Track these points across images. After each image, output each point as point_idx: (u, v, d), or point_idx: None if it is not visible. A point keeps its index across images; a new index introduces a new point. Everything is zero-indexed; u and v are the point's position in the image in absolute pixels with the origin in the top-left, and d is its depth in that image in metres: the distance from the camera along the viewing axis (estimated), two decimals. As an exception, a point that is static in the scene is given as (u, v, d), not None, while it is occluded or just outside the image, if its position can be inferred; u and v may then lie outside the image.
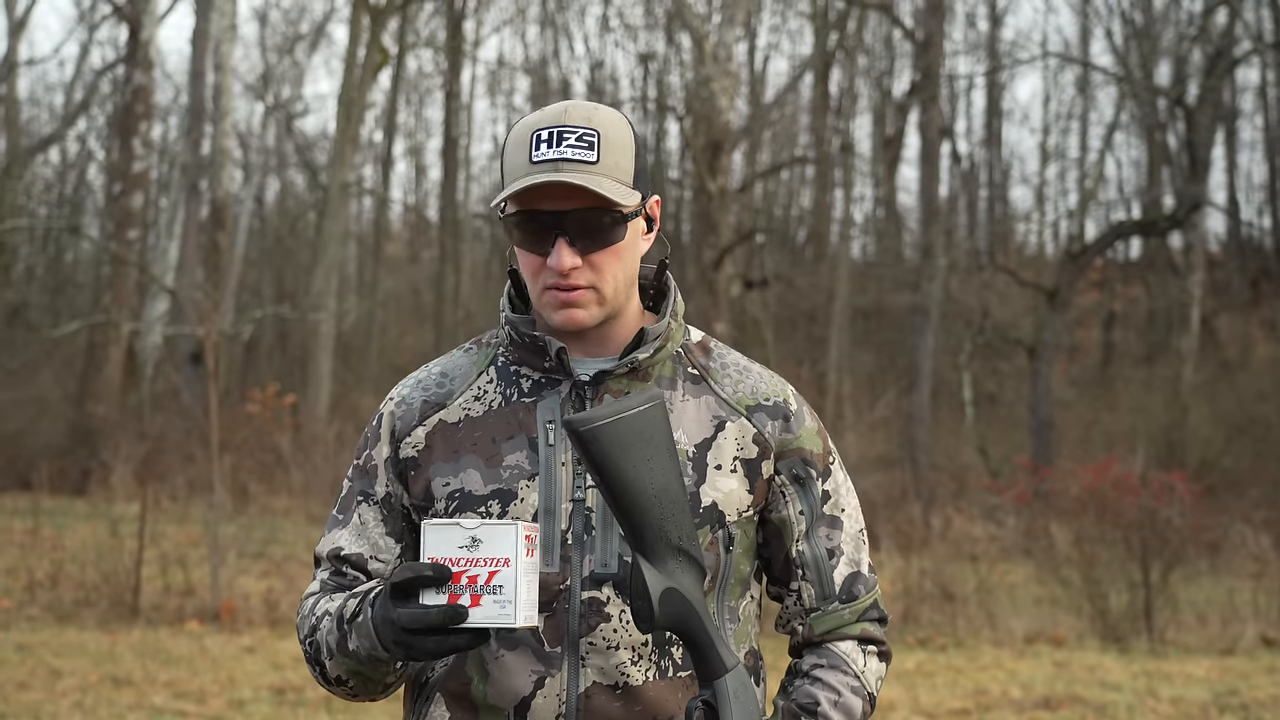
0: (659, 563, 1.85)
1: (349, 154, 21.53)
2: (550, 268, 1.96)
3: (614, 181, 1.96)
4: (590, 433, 1.82)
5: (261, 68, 30.78)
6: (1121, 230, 23.27)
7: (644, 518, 1.84)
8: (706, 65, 18.11)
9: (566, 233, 1.96)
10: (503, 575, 1.79)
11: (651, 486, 1.84)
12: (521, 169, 1.97)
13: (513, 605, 1.80)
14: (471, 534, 1.80)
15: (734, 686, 1.86)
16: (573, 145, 1.96)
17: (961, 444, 21.26)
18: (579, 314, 1.99)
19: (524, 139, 1.98)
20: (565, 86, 30.63)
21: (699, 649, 1.87)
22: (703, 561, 1.88)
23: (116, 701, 7.71)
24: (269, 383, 18.95)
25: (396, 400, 2.12)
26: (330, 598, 2.05)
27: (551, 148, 1.96)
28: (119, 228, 20.06)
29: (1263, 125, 29.35)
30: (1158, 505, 12.02)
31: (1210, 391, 22.34)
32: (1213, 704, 8.32)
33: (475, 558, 1.80)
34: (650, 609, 1.83)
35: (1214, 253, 29.59)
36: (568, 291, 1.97)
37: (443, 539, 1.80)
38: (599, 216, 1.97)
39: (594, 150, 1.96)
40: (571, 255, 1.96)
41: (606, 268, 1.99)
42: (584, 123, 1.97)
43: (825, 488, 2.09)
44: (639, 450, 1.84)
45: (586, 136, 1.97)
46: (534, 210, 1.97)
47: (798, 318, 25.63)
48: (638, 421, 1.85)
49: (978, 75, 28.68)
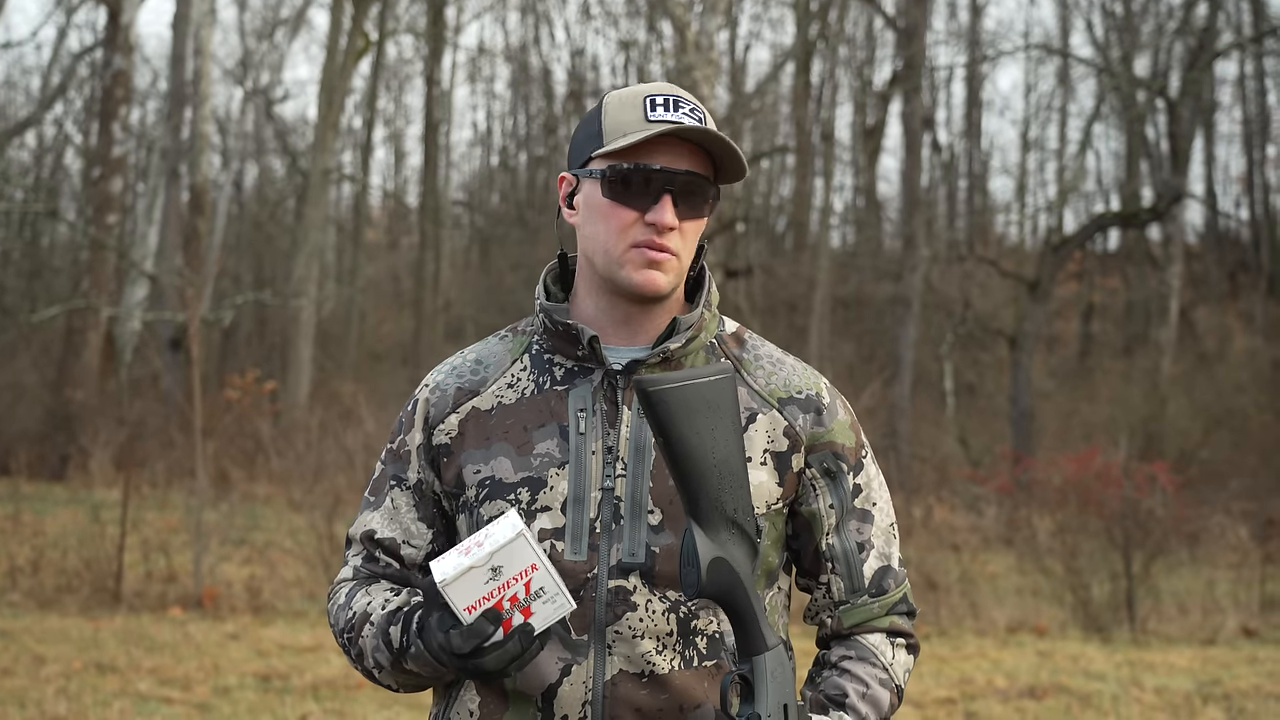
0: (712, 532, 1.86)
1: (330, 140, 21.44)
2: (651, 223, 1.98)
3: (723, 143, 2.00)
4: (659, 394, 1.84)
5: (241, 52, 30.63)
6: (1103, 222, 23.34)
7: (702, 485, 1.85)
8: (688, 53, 18.08)
9: (675, 191, 1.98)
10: (537, 579, 1.84)
11: (713, 455, 1.86)
12: (637, 125, 1.99)
13: (560, 595, 1.86)
14: (489, 566, 1.82)
15: (772, 665, 1.88)
16: (688, 114, 2.00)
17: (942, 434, 21.32)
18: (660, 278, 2.00)
19: (634, 102, 2.01)
20: (546, 74, 30.58)
21: (742, 623, 1.88)
22: (755, 538, 1.89)
23: (101, 688, 7.68)
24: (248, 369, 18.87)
25: (431, 386, 2.12)
26: (366, 592, 2.06)
27: (669, 111, 1.99)
28: (98, 212, 19.94)
29: (1241, 118, 29.49)
30: (1140, 496, 12.08)
31: (1188, 383, 22.45)
32: (1196, 694, 8.36)
33: (505, 582, 1.83)
34: (698, 575, 1.84)
35: (1192, 245, 29.72)
36: (659, 251, 1.99)
37: (467, 587, 1.83)
38: (704, 185, 2.00)
39: (704, 123, 2.00)
40: (674, 214, 1.98)
41: (690, 238, 2.02)
42: (690, 98, 2.02)
43: (857, 481, 2.09)
44: (705, 418, 1.86)
45: (697, 111, 2.01)
46: (646, 164, 1.98)
47: (778, 307, 25.64)
48: (707, 390, 1.87)
49: (959, 66, 28.72)
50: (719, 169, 2.02)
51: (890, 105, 26.25)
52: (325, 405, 18.49)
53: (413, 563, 2.10)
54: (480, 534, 1.87)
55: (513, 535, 1.81)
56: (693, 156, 1.99)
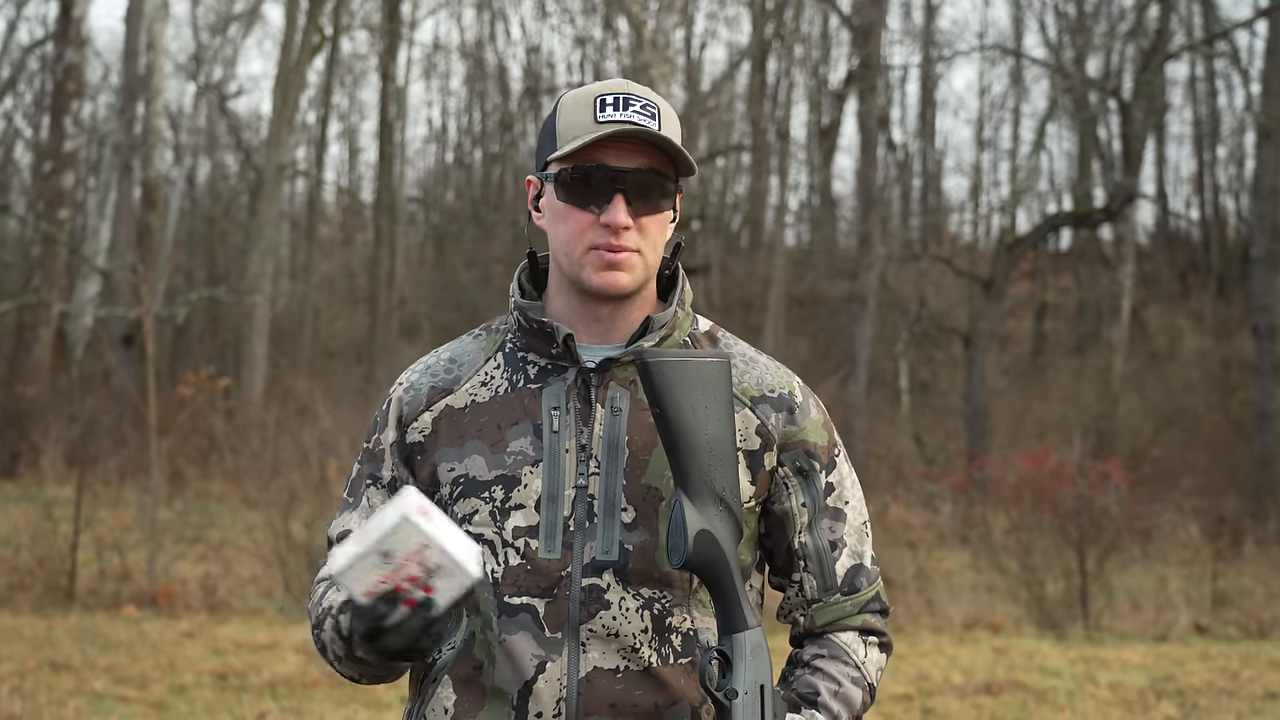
0: (700, 505, 1.90)
1: (284, 135, 21.32)
2: (604, 225, 1.98)
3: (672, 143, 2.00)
4: (657, 365, 1.90)
5: (194, 47, 30.41)
6: (1056, 222, 23.51)
7: (693, 459, 1.90)
8: (644, 51, 18.09)
9: (626, 190, 1.99)
10: (431, 557, 1.81)
11: (706, 433, 1.91)
12: (587, 127, 1.99)
13: (458, 568, 1.81)
14: (378, 551, 1.79)
15: (751, 644, 1.91)
16: (638, 112, 1.99)
17: (897, 432, 21.41)
18: (622, 277, 2.01)
19: (586, 102, 2.01)
20: (501, 70, 30.52)
21: (724, 599, 1.91)
22: (741, 520, 1.93)
23: (56, 687, 7.62)
24: (201, 366, 18.74)
25: (405, 385, 2.13)
26: (337, 589, 2.06)
27: (618, 110, 1.99)
28: (49, 207, 19.75)
29: (1192, 119, 29.75)
30: (1093, 494, 12.18)
31: (1140, 382, 22.63)
32: (1150, 689, 8.45)
33: (397, 565, 1.81)
34: (685, 544, 1.88)
35: (1143, 245, 29.96)
36: (615, 253, 1.99)
37: (360, 574, 1.81)
38: (658, 180, 2.00)
39: (655, 121, 2.00)
40: (626, 213, 1.99)
41: (652, 234, 2.02)
42: (645, 95, 2.01)
43: (829, 480, 2.10)
44: (700, 395, 1.91)
45: (650, 108, 2.00)
46: (595, 165, 1.99)
47: (734, 305, 25.68)
48: (704, 370, 1.93)
49: (913, 65, 28.84)
50: (677, 163, 2.03)
51: (845, 104, 26.35)
52: (280, 402, 18.40)
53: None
54: (376, 515, 1.85)
55: (397, 519, 1.79)
56: (646, 153, 2.00)
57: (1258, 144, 20.74)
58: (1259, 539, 14.63)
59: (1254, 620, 11.11)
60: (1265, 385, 18.56)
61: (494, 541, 2.00)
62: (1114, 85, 23.30)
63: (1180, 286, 28.49)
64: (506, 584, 1.99)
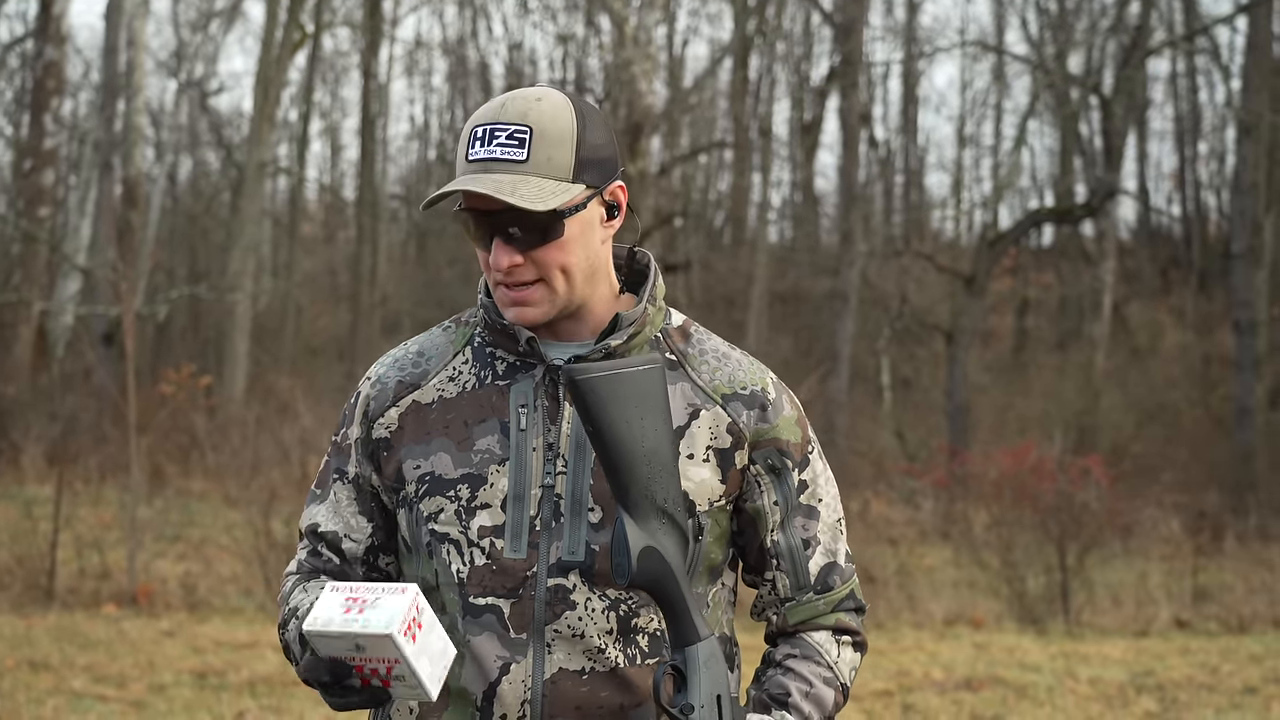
0: (642, 521, 1.87)
1: (265, 133, 21.27)
2: (491, 267, 1.97)
3: (542, 179, 1.93)
4: (587, 383, 1.84)
5: (175, 44, 30.33)
6: (1038, 218, 23.54)
7: (631, 474, 1.86)
8: (626, 48, 18.08)
9: (500, 233, 1.96)
10: (400, 669, 1.81)
11: (643, 445, 1.86)
12: (461, 167, 1.97)
13: (421, 687, 1.82)
14: (354, 642, 1.79)
15: (705, 656, 1.88)
16: (502, 144, 1.94)
17: (879, 428, 21.43)
18: (529, 311, 1.99)
19: (467, 134, 1.98)
20: (483, 68, 30.47)
21: (674, 613, 1.89)
22: (687, 529, 1.90)
23: (35, 686, 7.59)
24: (182, 364, 18.69)
25: (373, 380, 2.11)
26: (304, 589, 2.07)
27: (483, 146, 1.95)
28: (30, 205, 19.68)
29: (1173, 115, 29.81)
30: (1074, 489, 12.20)
31: (1121, 378, 22.69)
32: (1130, 684, 8.46)
33: (367, 658, 1.81)
34: (629, 564, 1.85)
35: (1125, 241, 30.02)
36: (515, 289, 1.97)
37: (330, 645, 1.82)
38: (530, 216, 1.94)
39: (523, 148, 1.94)
40: (509, 254, 1.96)
41: (551, 263, 1.97)
42: (518, 118, 1.94)
43: (803, 477, 2.08)
44: (634, 407, 1.86)
45: (518, 134, 1.94)
46: (471, 210, 1.97)
47: (716, 302, 25.67)
48: (636, 379, 1.88)
49: (895, 62, 28.86)
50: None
51: (828, 101, 26.35)
52: (261, 400, 18.36)
53: (354, 557, 2.10)
54: (375, 594, 1.83)
55: (383, 632, 1.78)
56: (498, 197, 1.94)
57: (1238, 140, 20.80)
58: (1240, 534, 14.67)
59: (1234, 615, 11.14)
60: (1246, 380, 18.62)
61: (459, 541, 1.99)
62: (1094, 81, 23.33)
63: (1162, 282, 28.56)
64: (471, 584, 1.98)
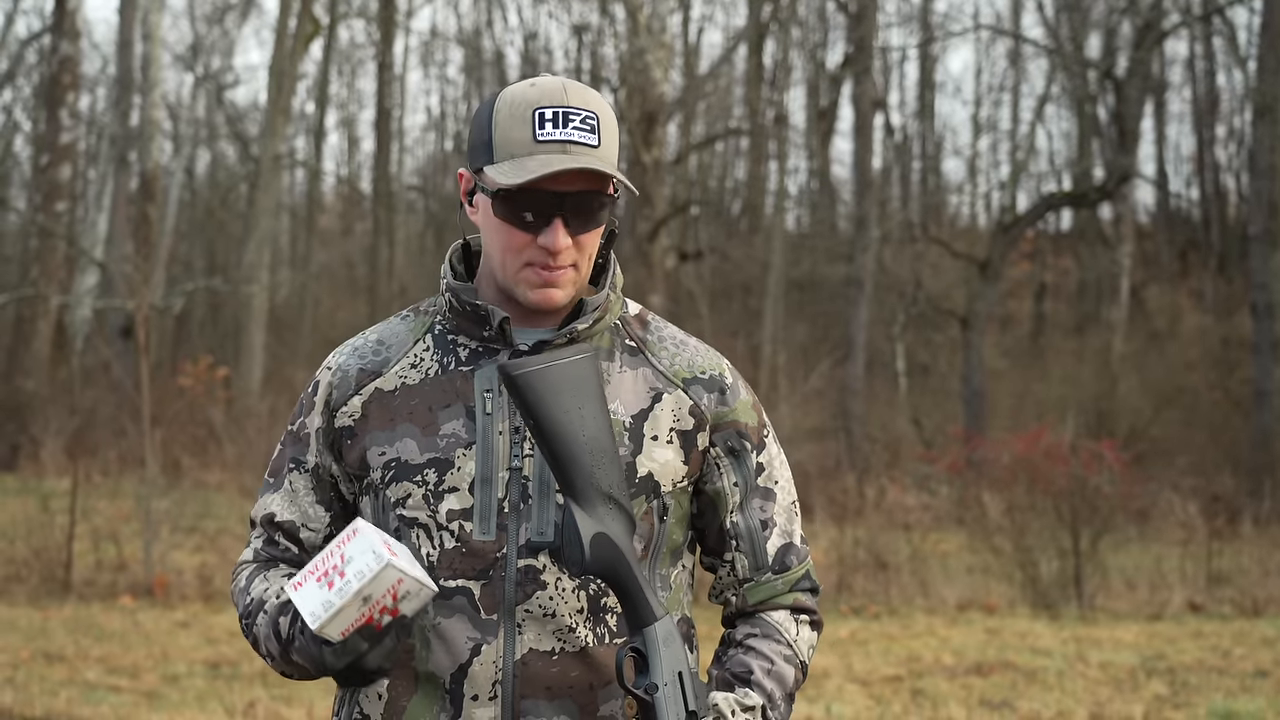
0: (590, 509, 1.89)
1: (280, 125, 21.33)
2: (542, 246, 1.97)
3: (611, 166, 1.99)
4: (523, 377, 1.87)
5: (191, 38, 30.42)
6: (1052, 202, 23.46)
7: (575, 464, 1.89)
8: (641, 37, 18.08)
9: (566, 214, 1.98)
10: (403, 587, 1.87)
11: (583, 434, 1.89)
12: (525, 146, 1.96)
13: (425, 588, 1.90)
14: (360, 598, 1.84)
15: (663, 634, 1.91)
16: (578, 128, 1.97)
17: (895, 414, 21.42)
18: (557, 294, 2.01)
19: (524, 116, 1.97)
20: (499, 57, 30.48)
21: (628, 596, 1.91)
22: (631, 511, 1.93)
23: (49, 677, 7.65)
24: (201, 356, 18.78)
25: (333, 369, 2.12)
26: (265, 578, 2.09)
27: (558, 128, 1.96)
28: (47, 200, 19.77)
29: (1190, 97, 29.67)
30: (1087, 474, 12.18)
31: (1139, 361, 22.62)
32: (1140, 668, 8.46)
33: (374, 603, 1.86)
34: (581, 553, 1.88)
35: (1143, 224, 29.92)
36: (553, 271, 1.99)
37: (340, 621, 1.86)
38: (597, 200, 1.99)
39: (595, 134, 1.98)
40: (565, 235, 1.98)
41: (588, 248, 2.02)
42: (584, 104, 1.98)
43: (759, 460, 2.11)
44: (571, 397, 1.89)
45: (589, 120, 1.98)
46: (535, 189, 1.97)
47: (733, 290, 25.68)
48: (570, 369, 1.91)
49: (910, 47, 28.79)
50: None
51: (843, 87, 26.28)
52: (278, 392, 18.43)
53: (311, 545, 2.11)
54: (336, 555, 1.86)
55: (379, 568, 1.82)
56: (587, 176, 1.97)
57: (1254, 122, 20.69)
58: (1257, 517, 14.62)
59: (1249, 598, 11.12)
60: (1264, 363, 18.53)
61: (428, 525, 2.00)
62: (1108, 64, 23.24)
63: (1180, 265, 28.44)
64: (442, 567, 1.99)
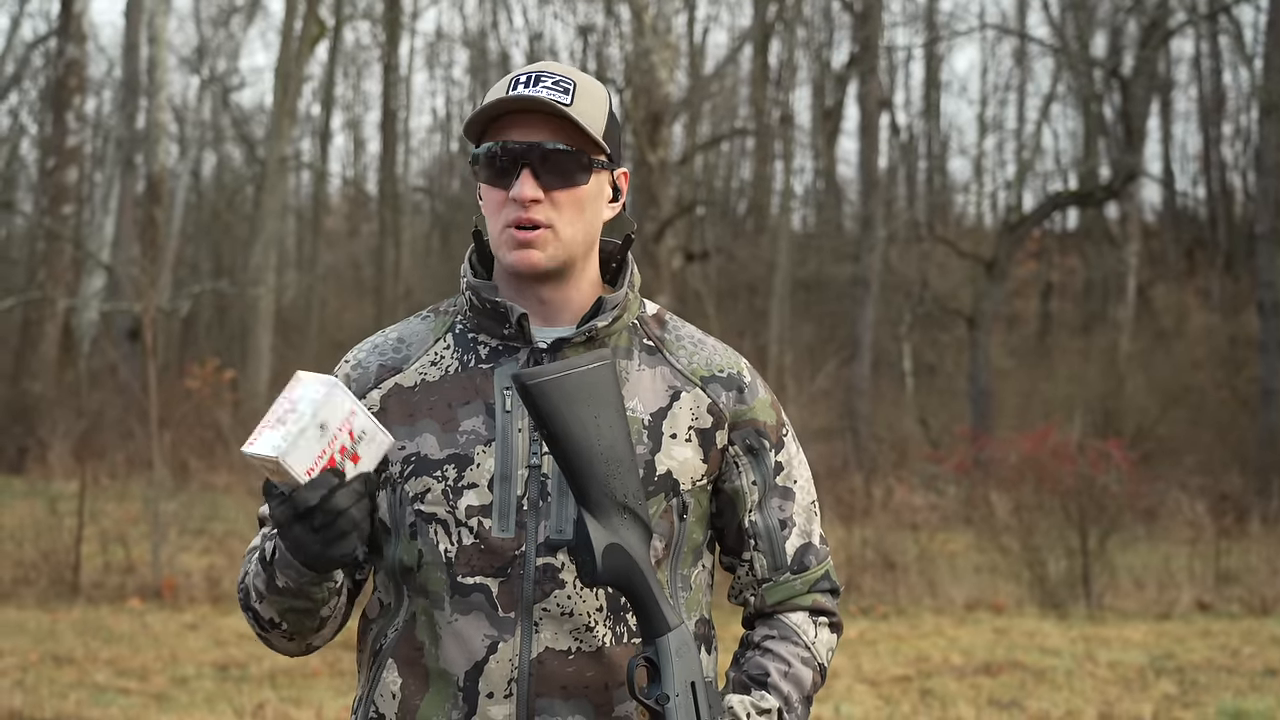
0: (604, 519, 1.88)
1: (286, 127, 21.34)
2: (513, 199, 1.99)
3: (586, 124, 2.00)
4: (537, 387, 1.85)
5: (197, 40, 30.45)
6: (1059, 201, 23.45)
7: (590, 473, 1.88)
8: (646, 37, 18.07)
9: (532, 163, 2.00)
10: (357, 423, 1.87)
11: (599, 443, 1.88)
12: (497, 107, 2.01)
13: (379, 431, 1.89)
14: (317, 424, 1.83)
15: (676, 645, 1.90)
16: (549, 87, 2.01)
17: (902, 414, 21.41)
18: (535, 254, 2.01)
19: (503, 83, 2.03)
20: (504, 59, 30.48)
21: (642, 606, 1.91)
22: (648, 521, 1.92)
23: (58, 680, 7.66)
24: (208, 358, 18.79)
25: (352, 364, 2.12)
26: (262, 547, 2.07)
27: (528, 87, 2.00)
28: (53, 203, 19.80)
29: (1197, 96, 29.64)
30: (1094, 473, 12.17)
31: (1146, 360, 22.59)
32: (1149, 667, 8.45)
33: (332, 435, 1.85)
34: (593, 563, 1.87)
35: (1149, 223, 29.87)
36: (527, 230, 1.99)
37: (302, 452, 1.83)
38: (570, 157, 2.00)
39: (568, 95, 2.01)
40: (534, 186, 1.99)
41: (566, 208, 2.02)
42: (565, 74, 2.03)
43: (778, 459, 2.11)
44: (587, 407, 1.87)
45: (563, 83, 2.02)
46: (503, 141, 2.00)
47: (739, 290, 25.68)
48: (587, 378, 1.89)
49: (916, 47, 28.78)
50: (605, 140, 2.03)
51: (849, 87, 26.30)
52: (285, 394, 18.41)
53: None
54: (285, 402, 1.86)
55: (327, 389, 1.83)
56: (555, 128, 2.00)
57: (1261, 120, 20.67)
58: (1265, 515, 14.60)
59: (1257, 597, 11.11)
60: (1271, 362, 18.51)
61: (447, 521, 2.00)
62: (1114, 63, 23.22)
63: (1187, 264, 28.40)
64: (460, 564, 1.99)
